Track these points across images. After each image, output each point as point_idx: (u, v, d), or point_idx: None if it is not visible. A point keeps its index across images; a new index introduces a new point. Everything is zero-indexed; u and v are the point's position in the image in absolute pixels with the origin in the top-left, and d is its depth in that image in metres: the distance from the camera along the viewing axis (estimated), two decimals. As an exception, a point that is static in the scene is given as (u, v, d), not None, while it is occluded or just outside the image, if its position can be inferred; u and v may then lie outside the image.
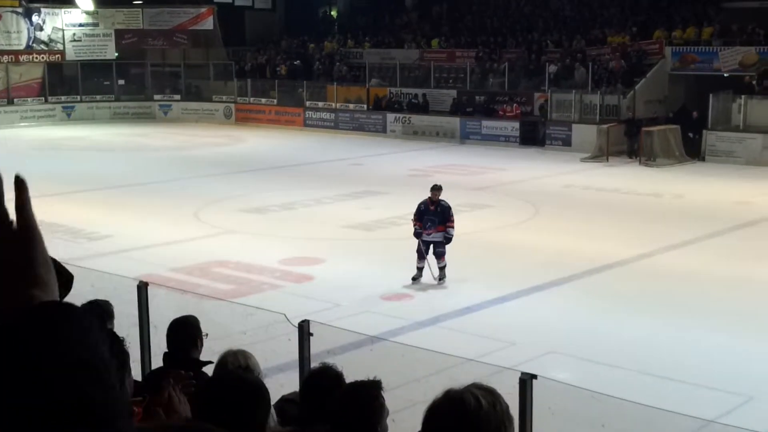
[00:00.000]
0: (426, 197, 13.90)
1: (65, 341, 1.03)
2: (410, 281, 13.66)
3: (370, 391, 3.72)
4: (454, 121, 32.54)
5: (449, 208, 13.75)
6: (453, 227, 13.67)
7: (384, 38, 39.71)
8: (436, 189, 13.81)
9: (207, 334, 5.45)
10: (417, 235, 13.72)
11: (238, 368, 4.51)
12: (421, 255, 13.66)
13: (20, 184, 1.23)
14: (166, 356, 5.30)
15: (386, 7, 42.11)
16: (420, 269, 13.68)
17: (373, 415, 3.66)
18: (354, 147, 30.90)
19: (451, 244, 13.72)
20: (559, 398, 7.42)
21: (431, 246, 13.64)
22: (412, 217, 13.99)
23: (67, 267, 3.28)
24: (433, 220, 13.60)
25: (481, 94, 33.25)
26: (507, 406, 2.22)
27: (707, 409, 9.01)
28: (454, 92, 34.05)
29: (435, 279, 13.67)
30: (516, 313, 12.40)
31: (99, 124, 38.00)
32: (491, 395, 2.20)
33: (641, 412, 7.37)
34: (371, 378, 3.85)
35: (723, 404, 9.32)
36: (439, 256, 13.67)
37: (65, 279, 2.71)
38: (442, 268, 13.72)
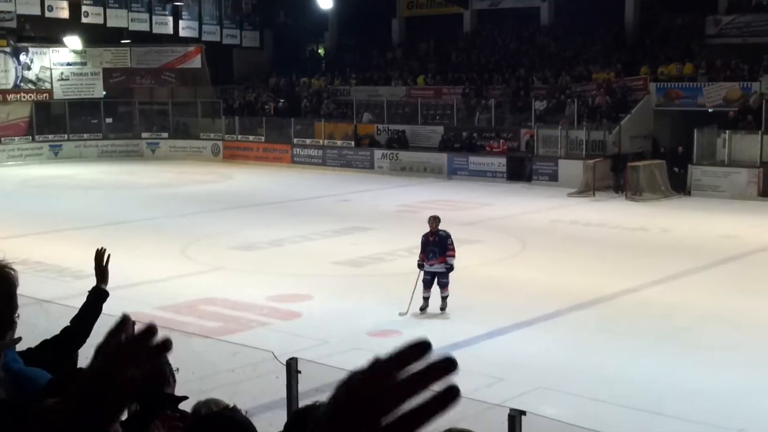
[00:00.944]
0: (427, 232, 14.19)
1: None
2: (418, 311, 13.93)
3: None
4: (442, 157, 32.69)
5: (446, 237, 14.04)
6: (453, 256, 13.96)
7: (371, 75, 39.97)
8: (433, 220, 14.19)
9: (178, 369, 5.42)
10: (419, 266, 14.06)
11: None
12: (427, 285, 13.96)
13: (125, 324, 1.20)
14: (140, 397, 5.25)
15: (373, 45, 42.45)
16: (426, 299, 13.97)
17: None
18: (342, 183, 30.98)
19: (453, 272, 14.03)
20: (548, 434, 7.39)
21: (436, 277, 13.99)
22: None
23: (53, 305, 3.26)
24: (434, 251, 13.96)
25: (467, 130, 33.44)
26: None
27: (697, 444, 9.01)
28: (441, 128, 34.25)
29: (399, 312, 13.80)
30: (504, 348, 12.38)
31: (86, 163, 37.99)
32: None
33: (630, 448, 7.35)
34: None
35: (712, 439, 9.30)
36: (443, 286, 14.01)
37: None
38: (444, 298, 14.01)
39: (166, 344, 1.10)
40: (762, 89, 28.56)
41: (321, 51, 47.04)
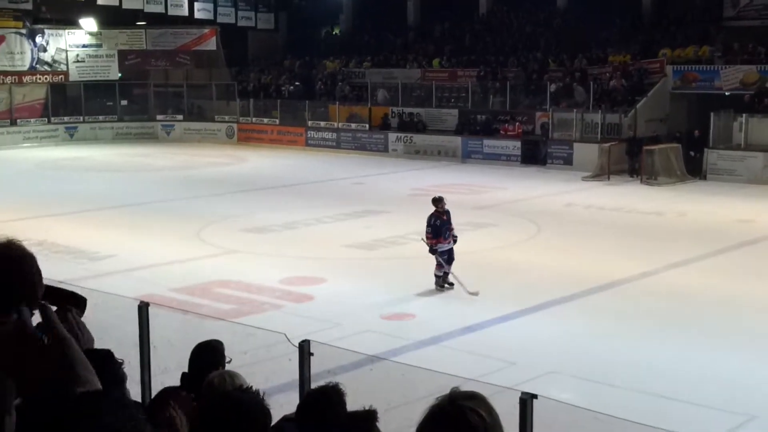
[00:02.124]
0: (433, 212, 14.54)
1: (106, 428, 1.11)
2: (444, 287, 14.31)
3: (365, 423, 3.73)
4: (456, 140, 32.60)
5: (448, 211, 14.69)
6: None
7: (386, 58, 39.86)
8: (441, 200, 14.58)
9: (231, 360, 5.43)
10: (433, 252, 14.33)
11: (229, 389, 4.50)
12: (449, 262, 14.38)
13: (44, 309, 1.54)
14: (184, 377, 5.28)
15: (388, 27, 42.29)
16: (447, 274, 14.34)
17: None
18: (356, 166, 30.96)
19: (454, 261, 14.48)
20: (559, 418, 7.40)
21: (449, 253, 14.46)
22: (424, 236, 14.59)
23: (71, 288, 3.28)
24: (448, 227, 14.52)
25: (482, 113, 33.34)
26: (495, 412, 2.16)
27: (709, 429, 9.00)
28: (455, 111, 34.14)
29: (469, 293, 13.92)
30: (517, 332, 12.37)
31: (102, 145, 38.13)
32: (483, 403, 2.14)
33: (642, 432, 7.35)
34: (367, 407, 3.85)
35: (725, 424, 9.29)
36: (452, 262, 14.45)
37: (79, 301, 2.82)
38: (443, 276, 14.44)
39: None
40: (780, 72, 28.32)
41: (336, 33, 46.93)
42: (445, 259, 14.36)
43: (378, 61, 39.74)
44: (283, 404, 6.37)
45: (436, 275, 14.38)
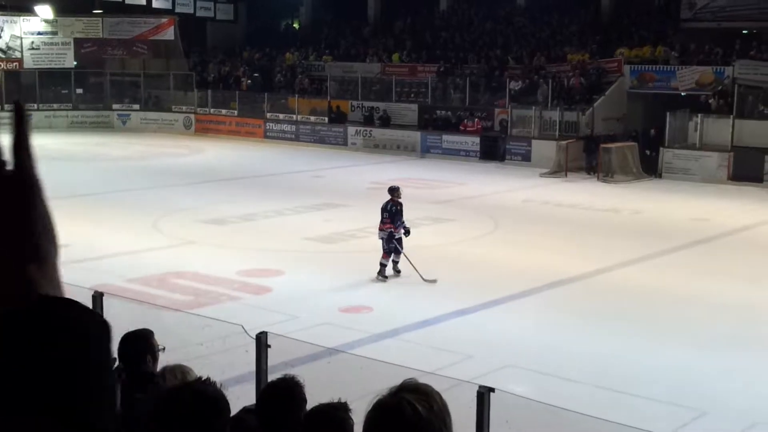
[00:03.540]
0: (388, 200, 14.87)
1: (66, 350, 0.92)
2: (393, 274, 14.68)
3: (338, 414, 3.70)
4: (415, 135, 32.64)
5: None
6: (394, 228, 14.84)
7: (346, 51, 39.77)
8: (397, 189, 15.06)
9: (164, 348, 5.36)
10: (391, 237, 14.62)
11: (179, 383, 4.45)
12: (397, 252, 14.70)
13: (19, 112, 0.97)
14: (118, 370, 5.21)
15: (349, 21, 42.20)
16: (396, 263, 14.68)
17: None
18: (315, 159, 30.86)
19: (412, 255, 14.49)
20: (516, 412, 7.43)
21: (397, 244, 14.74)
22: (381, 224, 14.79)
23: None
24: (401, 219, 14.78)
25: (442, 108, 33.41)
26: (444, 404, 2.13)
27: (662, 424, 9.10)
28: (415, 106, 34.18)
29: (426, 280, 14.25)
30: (474, 326, 12.42)
31: (56, 133, 37.50)
32: (426, 397, 2.11)
33: (597, 426, 7.41)
34: (326, 400, 3.83)
35: (677, 419, 9.41)
36: (399, 253, 14.77)
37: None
38: (398, 263, 14.80)
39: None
40: (734, 74, 28.74)
41: (296, 25, 46.71)
42: (394, 247, 14.67)
43: (338, 54, 39.64)
44: (239, 396, 6.31)
45: (381, 263, 14.57)
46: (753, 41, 30.64)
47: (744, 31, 31.82)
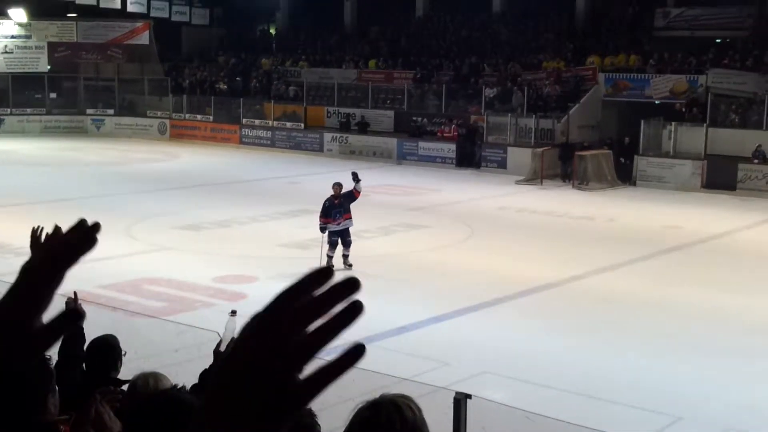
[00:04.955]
0: (329, 196, 15.62)
1: None
2: (344, 268, 15.04)
3: (304, 420, 3.67)
4: (391, 142, 32.67)
5: (349, 195, 15.58)
6: (358, 196, 15.72)
7: (322, 57, 39.75)
8: (338, 186, 15.71)
9: (125, 353, 5.33)
10: (323, 230, 15.39)
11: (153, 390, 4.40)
12: (333, 245, 15.38)
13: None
14: (85, 376, 5.17)
15: (325, 27, 42.18)
16: (331, 258, 15.16)
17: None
18: (290, 165, 30.78)
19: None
20: (492, 418, 7.43)
21: (340, 236, 15.37)
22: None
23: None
24: (340, 210, 15.44)
25: (418, 115, 33.46)
26: (421, 414, 2.23)
27: (637, 429, 9.14)
28: (391, 113, 34.20)
29: (345, 266, 15.05)
30: (450, 333, 12.42)
31: (29, 138, 37.21)
32: (403, 408, 2.19)
33: (573, 432, 7.42)
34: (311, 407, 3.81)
35: (652, 424, 9.45)
36: (348, 245, 15.43)
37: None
38: (347, 256, 15.40)
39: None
40: (708, 82, 29.00)
41: (272, 31, 46.63)
42: (335, 240, 15.32)
43: (314, 60, 39.61)
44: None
45: (328, 255, 15.22)
46: (727, 50, 30.94)
47: (717, 40, 32.14)
